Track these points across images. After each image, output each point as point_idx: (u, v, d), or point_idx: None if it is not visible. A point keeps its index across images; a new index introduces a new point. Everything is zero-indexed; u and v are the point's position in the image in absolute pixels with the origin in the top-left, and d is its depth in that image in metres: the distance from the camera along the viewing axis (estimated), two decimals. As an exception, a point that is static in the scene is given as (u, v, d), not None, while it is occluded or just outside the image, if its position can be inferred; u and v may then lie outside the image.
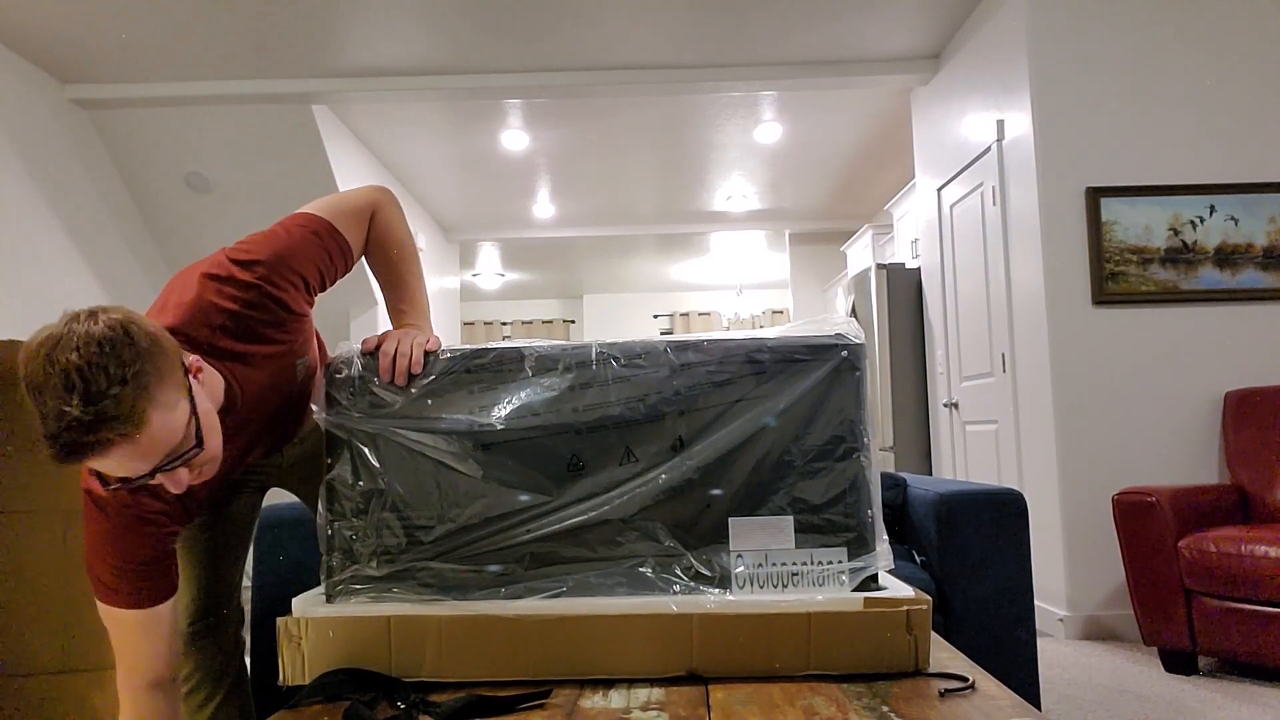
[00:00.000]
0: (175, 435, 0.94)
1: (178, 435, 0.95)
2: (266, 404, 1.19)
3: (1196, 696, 2.35)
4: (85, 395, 0.86)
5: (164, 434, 0.93)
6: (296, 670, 1.00)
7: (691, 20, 3.77)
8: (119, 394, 0.87)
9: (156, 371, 0.92)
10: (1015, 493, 1.97)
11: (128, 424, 0.88)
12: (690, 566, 1.01)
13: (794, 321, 1.44)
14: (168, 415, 0.93)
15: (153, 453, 0.93)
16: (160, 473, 0.95)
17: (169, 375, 0.95)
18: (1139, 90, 3.23)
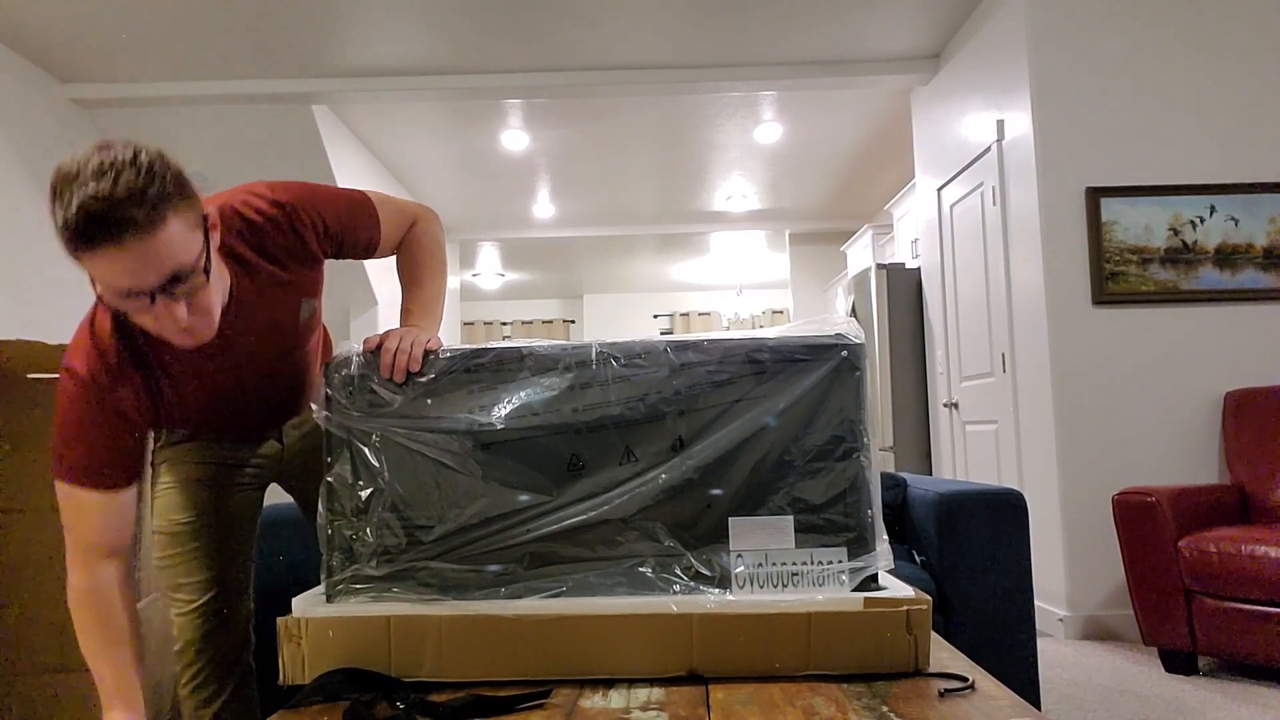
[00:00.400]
0: (186, 253, 0.96)
1: (189, 255, 0.97)
2: (262, 329, 1.20)
3: (1196, 696, 2.35)
4: (115, 180, 0.89)
5: (178, 244, 0.95)
6: (296, 670, 1.00)
7: (691, 20, 3.77)
8: (145, 187, 0.91)
9: (181, 192, 0.96)
10: (1015, 493, 1.97)
11: (149, 213, 0.91)
12: (690, 566, 1.01)
13: (794, 321, 1.44)
14: (185, 231, 0.96)
15: (162, 262, 0.94)
16: (162, 294, 0.96)
17: (192, 205, 0.98)
18: (1139, 90, 3.23)
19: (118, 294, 0.96)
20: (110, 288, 0.95)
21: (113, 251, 0.91)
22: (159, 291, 0.96)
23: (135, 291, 0.95)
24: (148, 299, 0.96)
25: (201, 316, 1.03)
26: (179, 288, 0.98)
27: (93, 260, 0.92)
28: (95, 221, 0.89)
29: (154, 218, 0.92)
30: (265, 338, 1.22)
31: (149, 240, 0.92)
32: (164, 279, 0.96)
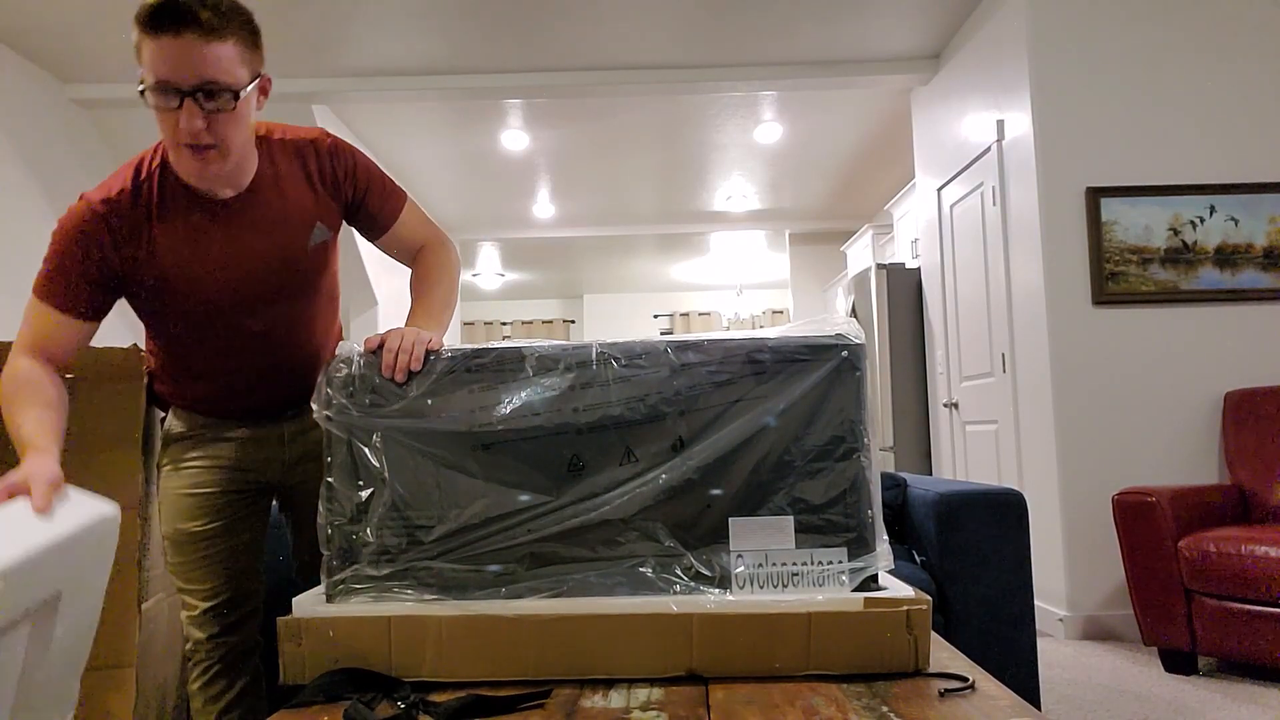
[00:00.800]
0: (227, 75, 1.08)
1: (229, 77, 1.09)
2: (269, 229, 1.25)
3: (1196, 696, 2.35)
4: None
5: (224, 61, 1.07)
6: (296, 670, 1.00)
7: (691, 20, 3.77)
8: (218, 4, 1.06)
9: (248, 30, 1.12)
10: (1015, 493, 1.97)
11: (211, 20, 1.04)
12: (690, 566, 1.01)
13: (794, 321, 1.44)
14: (235, 58, 1.09)
15: (204, 66, 1.06)
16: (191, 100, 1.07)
17: (252, 48, 1.13)
18: (1139, 90, 3.23)
19: (157, 85, 1.06)
20: (153, 77, 1.06)
21: (168, 41, 1.04)
22: (189, 94, 1.07)
23: (171, 85, 1.06)
24: (178, 98, 1.07)
25: (218, 144, 1.12)
26: (208, 103, 1.08)
27: (150, 50, 1.05)
28: (165, 9, 1.03)
29: (214, 27, 1.05)
30: (269, 243, 1.25)
31: (200, 44, 1.04)
32: (198, 83, 1.06)
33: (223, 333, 1.28)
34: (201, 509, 1.37)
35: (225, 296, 1.25)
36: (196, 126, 1.09)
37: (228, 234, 1.23)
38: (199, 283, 1.23)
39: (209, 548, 1.38)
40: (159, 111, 1.10)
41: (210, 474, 1.38)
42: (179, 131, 1.10)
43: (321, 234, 1.31)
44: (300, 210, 1.28)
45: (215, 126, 1.11)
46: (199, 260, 1.22)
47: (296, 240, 1.28)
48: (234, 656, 1.41)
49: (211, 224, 1.22)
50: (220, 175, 1.17)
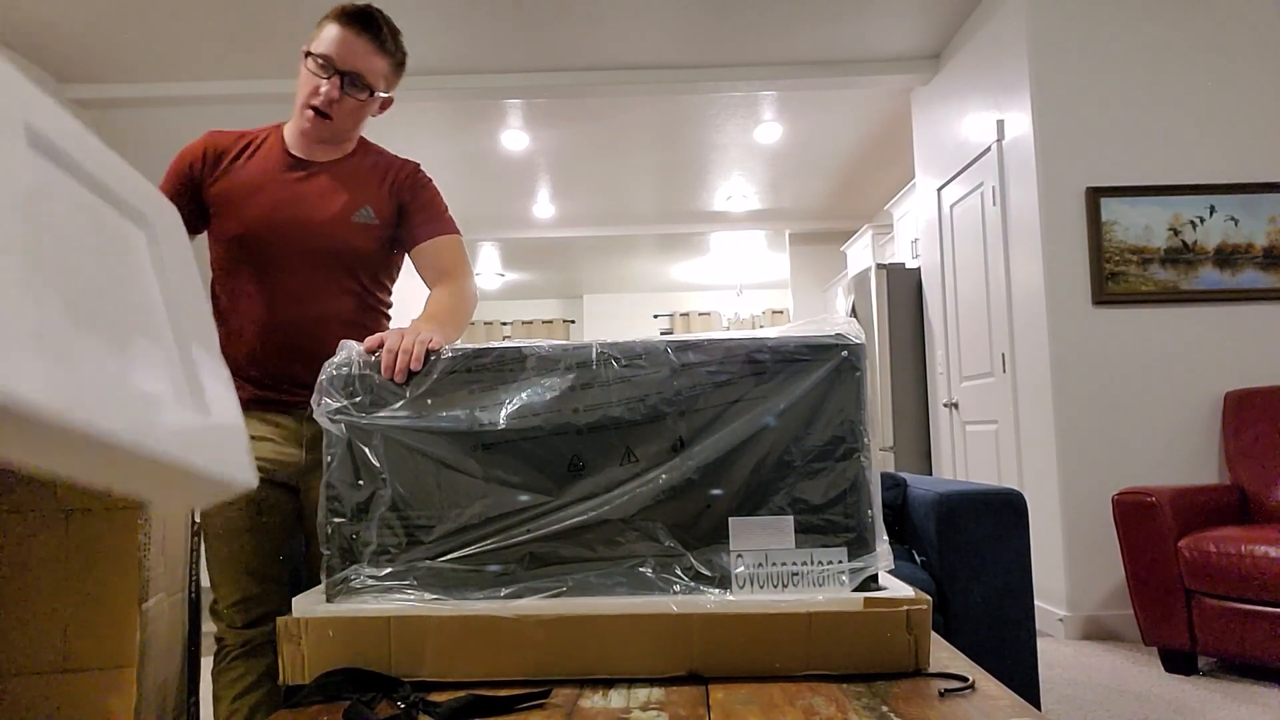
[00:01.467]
0: (373, 76, 1.44)
1: (373, 79, 1.44)
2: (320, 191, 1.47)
3: (1196, 696, 2.35)
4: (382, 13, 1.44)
5: (375, 69, 1.44)
6: (296, 670, 1.00)
7: (691, 20, 3.77)
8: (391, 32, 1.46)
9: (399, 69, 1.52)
10: (1015, 493, 1.97)
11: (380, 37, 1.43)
12: (690, 567, 1.01)
13: (794, 321, 1.44)
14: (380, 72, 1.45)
15: (360, 62, 1.41)
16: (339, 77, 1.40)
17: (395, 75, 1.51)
18: (1139, 90, 3.23)
19: (323, 57, 1.39)
20: (322, 50, 1.39)
21: (350, 34, 1.39)
22: (340, 74, 1.40)
23: (332, 62, 1.39)
24: (332, 72, 1.40)
25: (334, 119, 1.43)
26: (351, 88, 1.42)
27: (333, 32, 1.39)
28: (365, 16, 1.41)
29: (383, 45, 1.43)
30: (320, 202, 1.46)
31: (369, 48, 1.41)
32: (351, 70, 1.41)
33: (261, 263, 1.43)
34: (225, 509, 1.43)
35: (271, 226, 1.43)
36: (331, 97, 1.40)
37: (291, 179, 1.46)
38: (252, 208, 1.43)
39: (231, 546, 1.43)
40: (310, 75, 1.41)
41: None
42: (315, 94, 1.40)
43: (366, 216, 1.49)
44: (357, 192, 1.50)
45: (340, 105, 1.42)
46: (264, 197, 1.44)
47: (343, 210, 1.47)
48: (253, 647, 1.46)
49: (291, 175, 1.47)
50: (317, 140, 1.47)
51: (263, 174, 1.45)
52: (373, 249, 1.51)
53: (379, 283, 1.57)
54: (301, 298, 1.44)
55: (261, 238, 1.42)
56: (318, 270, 1.45)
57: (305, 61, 1.41)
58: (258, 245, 1.43)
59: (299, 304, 1.44)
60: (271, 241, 1.42)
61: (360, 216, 1.48)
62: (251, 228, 1.42)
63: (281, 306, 1.43)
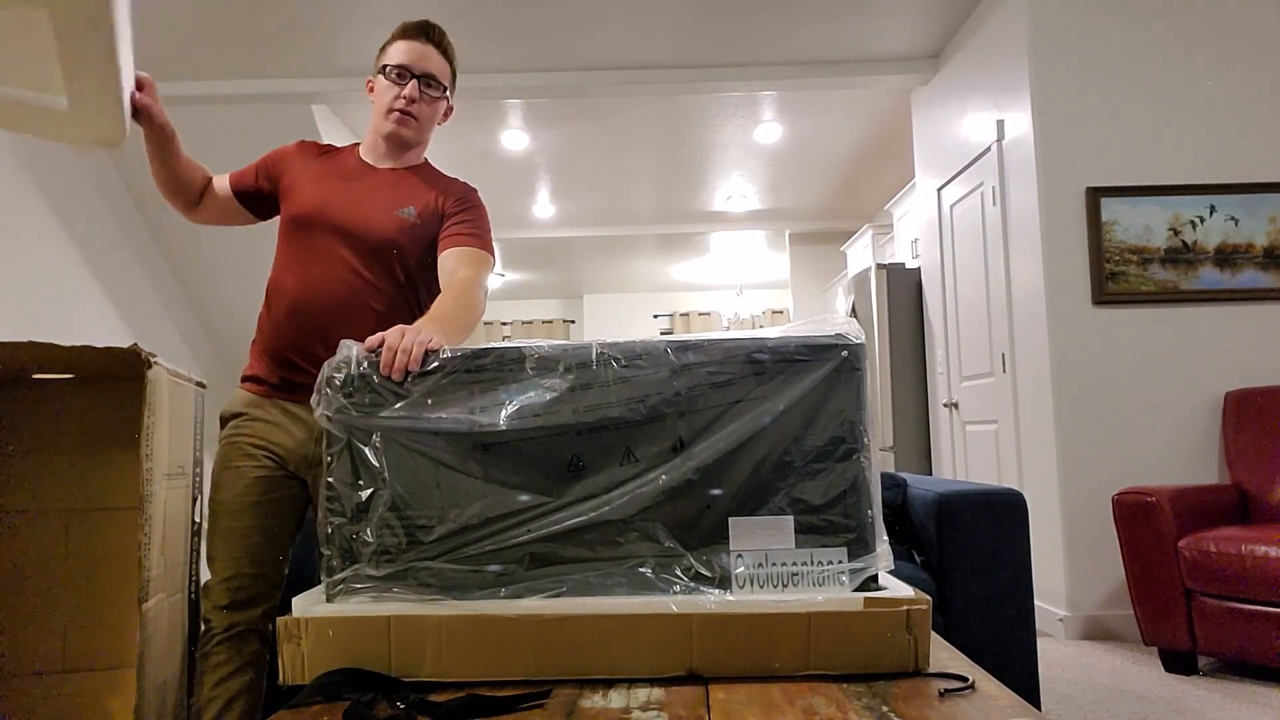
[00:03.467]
0: (443, 77, 1.64)
1: (443, 79, 1.64)
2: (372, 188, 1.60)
3: (1196, 696, 2.35)
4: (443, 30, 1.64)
5: (443, 72, 1.64)
6: (296, 670, 1.00)
7: (691, 20, 3.78)
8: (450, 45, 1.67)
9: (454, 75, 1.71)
10: (1015, 493, 1.97)
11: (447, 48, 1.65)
12: (690, 567, 1.01)
13: (794, 321, 1.45)
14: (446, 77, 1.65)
15: (434, 67, 1.61)
16: (416, 81, 1.58)
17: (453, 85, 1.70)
18: (1139, 90, 3.23)
19: (399, 67, 1.57)
20: (396, 61, 1.57)
21: (416, 44, 1.59)
22: (417, 78, 1.58)
23: (408, 69, 1.58)
24: (409, 78, 1.58)
25: (418, 118, 1.61)
26: (427, 89, 1.60)
27: (400, 46, 1.59)
28: (426, 27, 1.61)
29: (445, 49, 1.64)
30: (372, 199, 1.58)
31: (435, 53, 1.61)
32: (425, 72, 1.59)
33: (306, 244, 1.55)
34: (244, 483, 1.48)
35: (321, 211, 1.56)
36: (412, 97, 1.58)
37: (360, 181, 1.61)
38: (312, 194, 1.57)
39: (235, 520, 1.48)
40: (389, 85, 1.58)
41: (247, 452, 1.50)
42: (398, 99, 1.58)
43: (407, 213, 1.59)
44: (408, 194, 1.62)
45: (420, 105, 1.60)
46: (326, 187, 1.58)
47: (389, 205, 1.59)
48: (237, 634, 1.47)
49: (357, 174, 1.62)
50: (406, 139, 1.62)
51: (329, 170, 1.62)
52: (408, 245, 1.58)
53: (416, 283, 1.61)
54: (335, 283, 1.52)
55: (310, 222, 1.55)
56: (354, 258, 1.54)
57: (380, 76, 1.59)
58: (306, 229, 1.55)
59: (332, 288, 1.52)
60: (316, 226, 1.54)
61: (403, 213, 1.59)
62: (303, 212, 1.56)
63: (316, 288, 1.52)
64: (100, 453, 1.75)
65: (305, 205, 1.56)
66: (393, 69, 1.57)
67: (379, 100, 1.60)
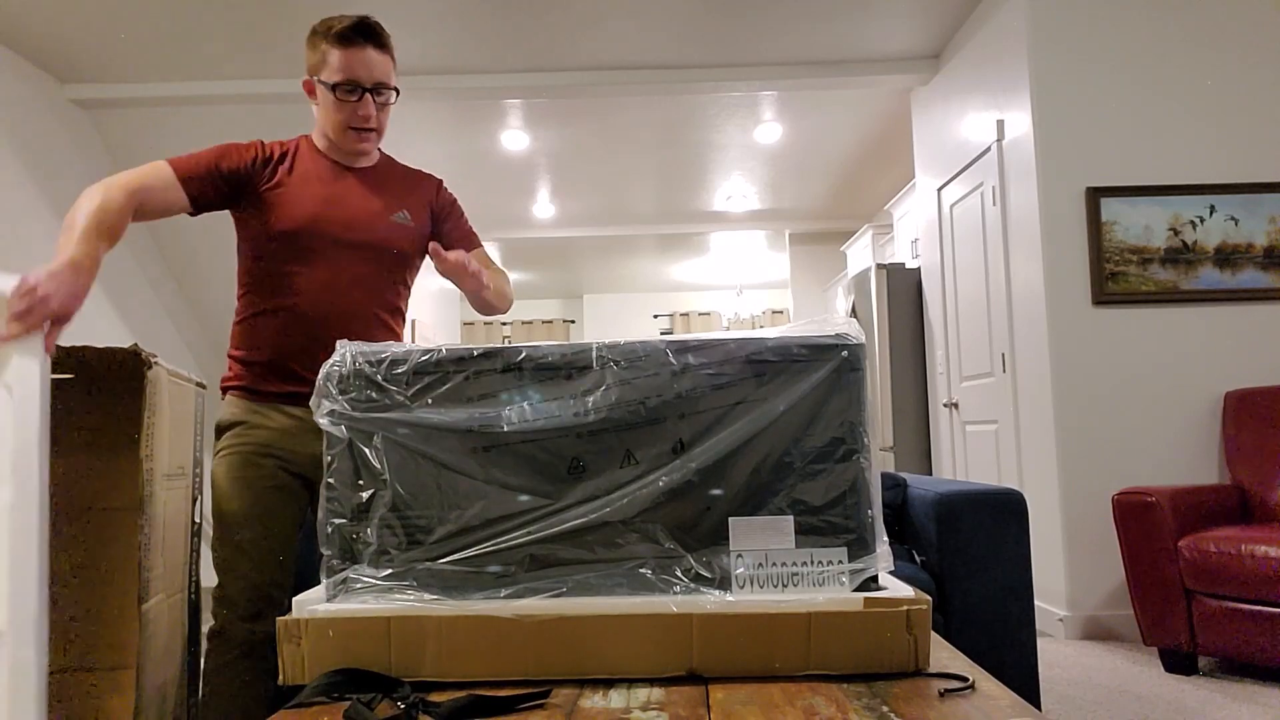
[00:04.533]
0: (391, 79, 1.53)
1: (391, 81, 1.53)
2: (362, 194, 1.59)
3: (1196, 696, 2.35)
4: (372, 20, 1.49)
5: (390, 71, 1.52)
6: (296, 670, 1.00)
7: (691, 20, 3.77)
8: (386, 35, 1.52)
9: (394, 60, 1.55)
10: (1015, 493, 1.97)
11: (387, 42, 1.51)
12: (690, 568, 1.01)
13: (794, 322, 1.45)
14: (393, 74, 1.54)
15: (382, 72, 1.50)
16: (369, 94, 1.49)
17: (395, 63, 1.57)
18: (1139, 90, 3.23)
19: (346, 82, 1.48)
20: (341, 77, 1.47)
21: (356, 51, 1.46)
22: (370, 90, 1.49)
23: (358, 84, 1.48)
24: (361, 92, 1.49)
25: (378, 129, 1.56)
26: (379, 97, 1.52)
27: (341, 57, 1.46)
28: (363, 28, 1.46)
29: (386, 46, 1.51)
30: (364, 201, 1.58)
31: (381, 56, 1.50)
32: (377, 82, 1.50)
33: (306, 255, 1.51)
34: (245, 493, 1.48)
35: (303, 220, 1.52)
36: (370, 113, 1.51)
37: (331, 182, 1.57)
38: (303, 205, 1.52)
39: (250, 531, 1.47)
40: (339, 102, 1.49)
41: (253, 461, 1.49)
42: (355, 117, 1.51)
43: (403, 218, 1.60)
44: (398, 190, 1.63)
45: (379, 116, 1.54)
46: (299, 189, 1.53)
47: (382, 206, 1.59)
48: (259, 643, 1.47)
49: (332, 177, 1.58)
50: (370, 152, 1.60)
51: (312, 176, 1.56)
52: (407, 250, 1.61)
53: (403, 286, 1.64)
54: (338, 288, 1.52)
55: (310, 231, 1.51)
56: (356, 263, 1.54)
57: (324, 91, 1.50)
58: (305, 238, 1.51)
59: (334, 294, 1.52)
60: (318, 234, 1.52)
61: (399, 218, 1.60)
62: (301, 222, 1.51)
63: (318, 295, 1.51)
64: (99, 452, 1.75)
65: (300, 217, 1.51)
66: (342, 87, 1.48)
67: (329, 115, 1.52)
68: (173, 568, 1.62)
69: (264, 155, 1.54)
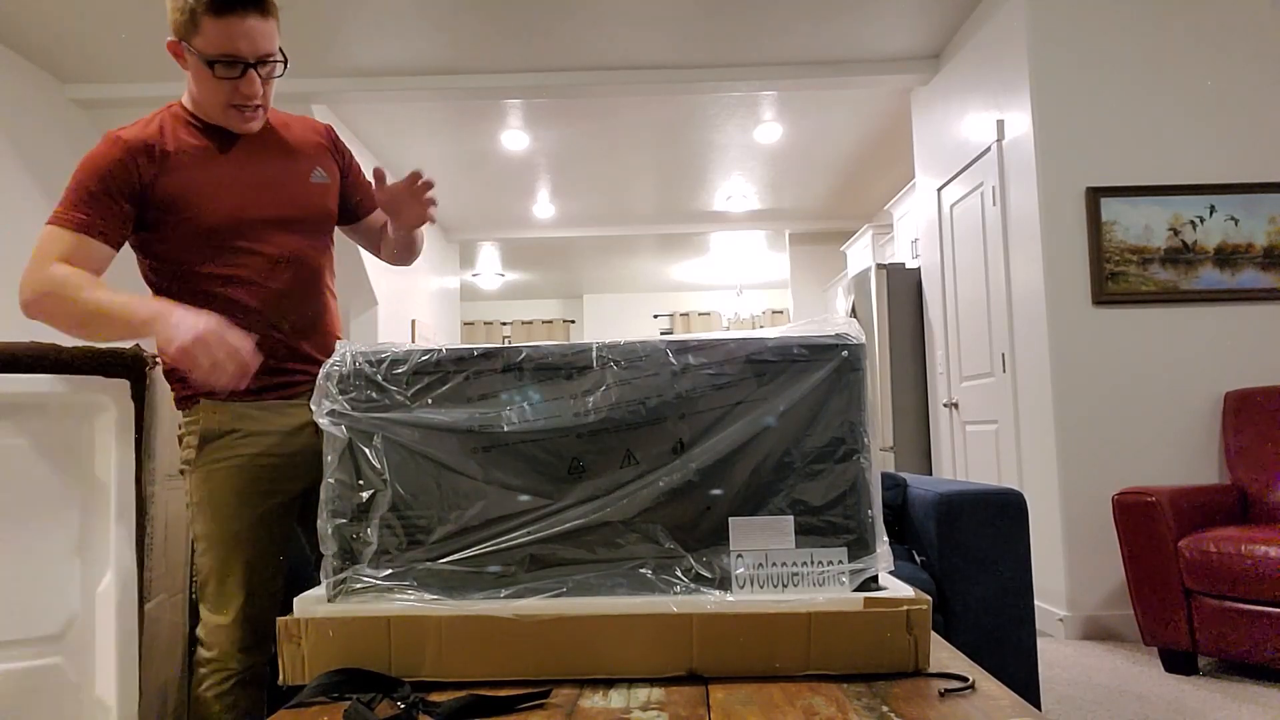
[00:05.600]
0: (274, 47, 1.33)
1: (274, 48, 1.33)
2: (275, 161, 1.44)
3: (1196, 696, 2.35)
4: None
5: (273, 37, 1.32)
6: (296, 670, 1.00)
7: (691, 20, 3.78)
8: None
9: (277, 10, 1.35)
10: (1015, 493, 1.97)
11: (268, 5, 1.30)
12: (690, 568, 1.01)
13: (794, 322, 1.44)
14: (275, 34, 1.33)
15: (265, 42, 1.31)
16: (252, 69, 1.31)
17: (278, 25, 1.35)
18: (1139, 90, 3.23)
19: (225, 58, 1.29)
20: (218, 51, 1.28)
21: (236, 20, 1.26)
22: (251, 65, 1.31)
23: (238, 58, 1.29)
24: (241, 68, 1.30)
25: (264, 104, 1.38)
26: (263, 69, 1.33)
27: (217, 27, 1.26)
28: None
29: (267, 11, 1.30)
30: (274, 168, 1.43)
31: (262, 23, 1.29)
32: (260, 55, 1.31)
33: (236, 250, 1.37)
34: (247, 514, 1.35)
35: (232, 211, 1.37)
36: (256, 89, 1.34)
37: (238, 158, 1.40)
38: (210, 198, 1.35)
39: (252, 551, 1.36)
40: (218, 80, 1.31)
41: (257, 475, 1.36)
42: (237, 95, 1.33)
43: (320, 176, 1.48)
44: (302, 147, 1.49)
45: (265, 91, 1.37)
46: (211, 179, 1.36)
47: (298, 170, 1.46)
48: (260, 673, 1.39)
49: (223, 151, 1.39)
50: (256, 129, 1.41)
51: (204, 160, 1.37)
52: (331, 210, 1.52)
53: (331, 249, 1.55)
54: (293, 274, 1.42)
55: (241, 220, 1.36)
56: (295, 237, 1.43)
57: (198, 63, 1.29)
58: (237, 229, 1.36)
59: (294, 281, 1.41)
60: (245, 225, 1.37)
61: (316, 177, 1.48)
62: (224, 219, 1.35)
63: (281, 289, 1.40)
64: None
65: (224, 210, 1.35)
66: (220, 63, 1.28)
67: (208, 92, 1.33)
68: (173, 568, 1.62)
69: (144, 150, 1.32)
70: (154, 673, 1.52)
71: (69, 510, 1.35)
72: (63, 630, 1.32)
